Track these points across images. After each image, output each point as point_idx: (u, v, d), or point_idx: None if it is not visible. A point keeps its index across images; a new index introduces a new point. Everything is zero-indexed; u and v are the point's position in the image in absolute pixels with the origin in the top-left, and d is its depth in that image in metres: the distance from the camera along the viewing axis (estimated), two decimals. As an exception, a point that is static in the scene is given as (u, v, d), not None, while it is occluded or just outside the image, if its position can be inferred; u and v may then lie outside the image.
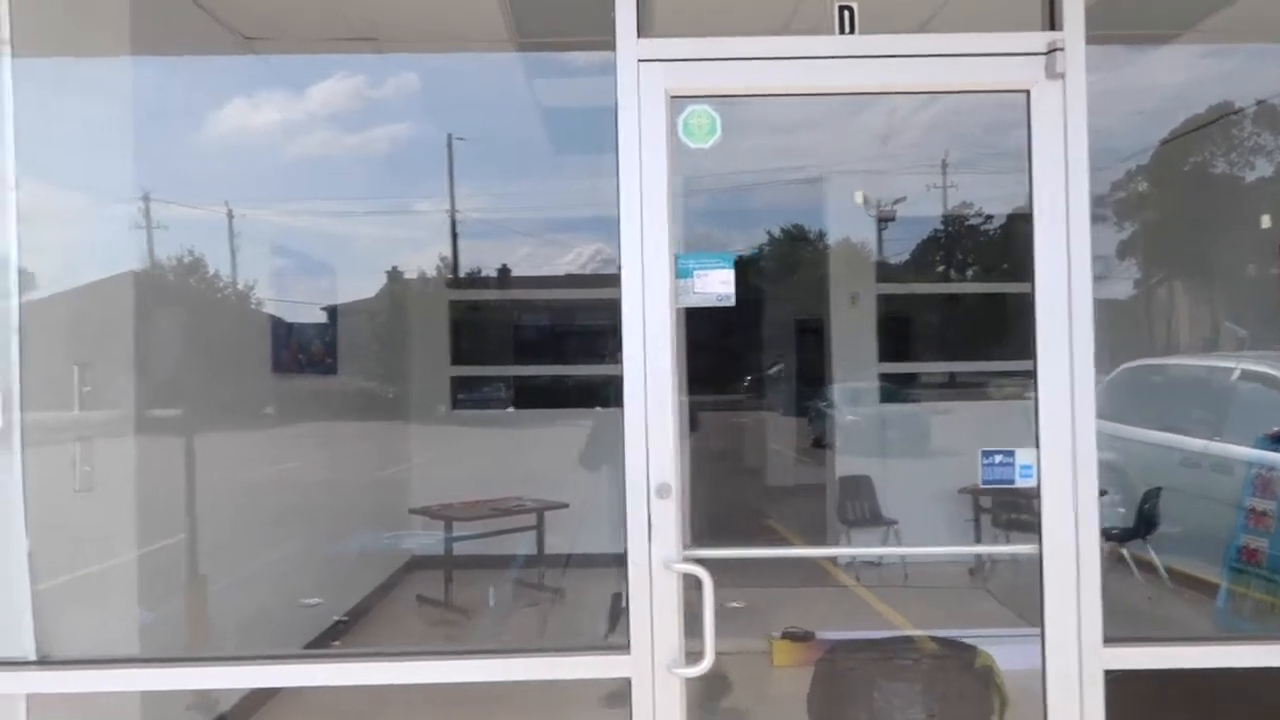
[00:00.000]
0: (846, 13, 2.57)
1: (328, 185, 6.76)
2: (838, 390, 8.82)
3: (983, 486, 2.62)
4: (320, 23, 4.77)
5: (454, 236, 8.68)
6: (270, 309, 6.46)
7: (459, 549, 6.90)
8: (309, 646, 4.91)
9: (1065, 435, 2.51)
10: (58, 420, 2.88)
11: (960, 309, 9.53)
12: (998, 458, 2.56)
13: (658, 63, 2.51)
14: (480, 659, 2.47)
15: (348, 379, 7.67)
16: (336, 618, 5.77)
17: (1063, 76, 2.51)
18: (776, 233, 9.87)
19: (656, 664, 2.47)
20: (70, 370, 2.86)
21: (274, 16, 4.72)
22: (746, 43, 2.53)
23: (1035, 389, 2.53)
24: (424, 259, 9.53)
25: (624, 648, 2.48)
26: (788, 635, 5.56)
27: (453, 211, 8.45)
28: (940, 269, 10.97)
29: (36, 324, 2.64)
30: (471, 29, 4.78)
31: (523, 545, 7.22)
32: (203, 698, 3.53)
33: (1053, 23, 2.56)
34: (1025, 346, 2.54)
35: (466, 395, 8.51)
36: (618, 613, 6.87)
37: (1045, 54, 2.51)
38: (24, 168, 2.66)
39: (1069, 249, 2.51)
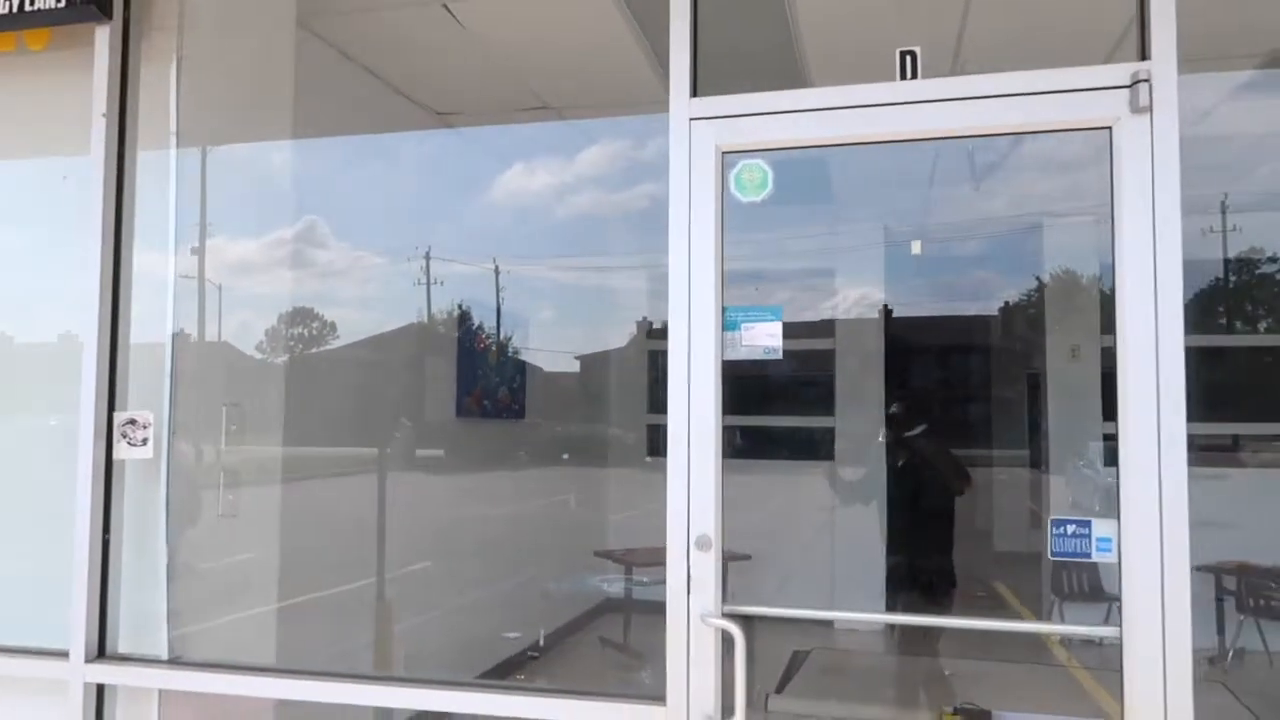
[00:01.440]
0: (909, 58, 2.50)
1: (581, 243, 7.32)
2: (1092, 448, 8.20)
3: (1057, 557, 2.38)
4: (507, 96, 5.23)
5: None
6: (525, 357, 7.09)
7: (647, 594, 7.05)
8: (500, 675, 5.23)
9: (1151, 504, 2.24)
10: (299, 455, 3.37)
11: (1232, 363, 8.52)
12: (1070, 528, 2.33)
13: (708, 120, 2.56)
14: (522, 695, 2.55)
15: (579, 425, 8.14)
16: (531, 653, 6.08)
17: (1149, 110, 2.28)
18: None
19: (691, 716, 2.44)
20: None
21: (462, 93, 5.22)
22: (796, 95, 2.52)
23: (1120, 449, 2.29)
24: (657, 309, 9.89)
25: (660, 698, 2.48)
26: (960, 711, 5.19)
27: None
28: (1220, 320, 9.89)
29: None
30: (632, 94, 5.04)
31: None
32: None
33: (1142, 52, 2.35)
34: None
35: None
36: (793, 670, 6.75)
37: (1129, 86, 2.30)
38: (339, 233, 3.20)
39: (1157, 301, 2.26)
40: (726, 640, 2.45)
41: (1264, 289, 7.94)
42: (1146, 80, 2.28)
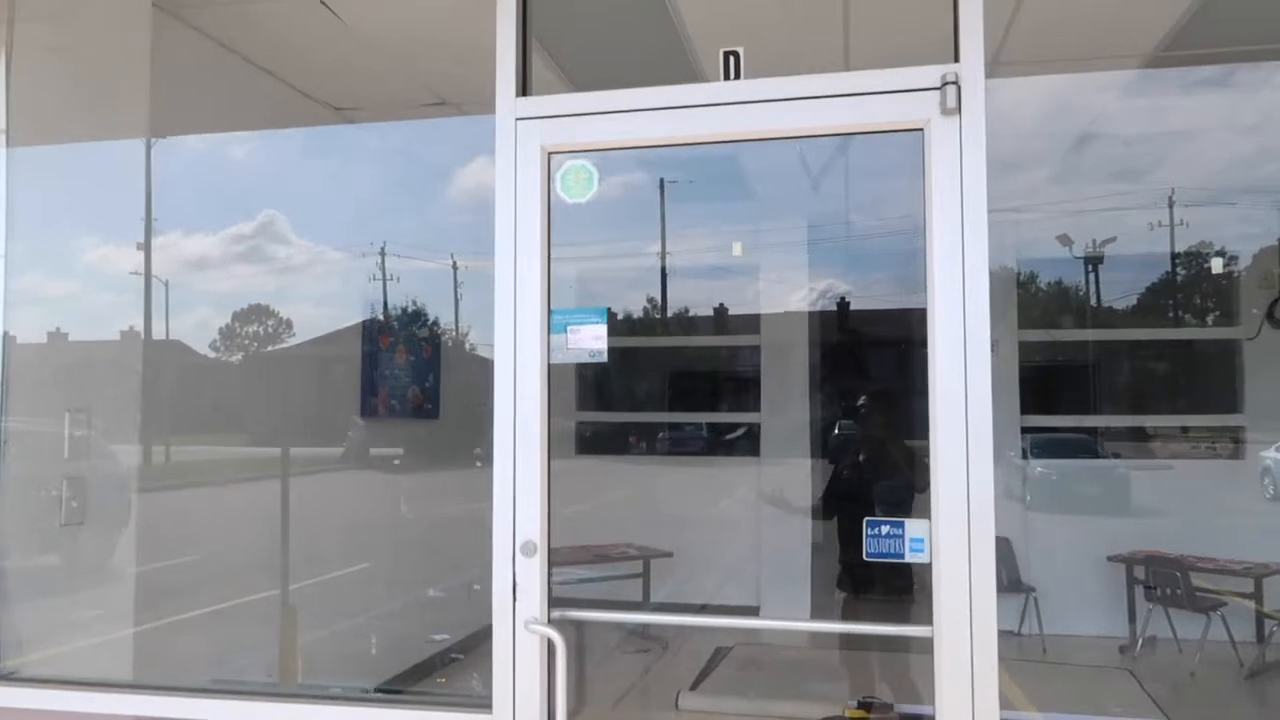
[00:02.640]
0: (733, 58, 2.49)
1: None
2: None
3: (873, 558, 2.39)
4: (403, 92, 5.17)
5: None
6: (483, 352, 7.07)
7: (576, 593, 7.05)
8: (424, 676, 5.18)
9: (960, 503, 2.25)
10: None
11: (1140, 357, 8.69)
12: (884, 528, 2.34)
13: (534, 120, 2.53)
14: (349, 705, 2.53)
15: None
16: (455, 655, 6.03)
17: (958, 111, 2.29)
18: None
19: (518, 724, 2.43)
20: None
21: (357, 90, 5.15)
22: (621, 95, 2.50)
23: (932, 452, 2.29)
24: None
25: (487, 705, 2.46)
26: (864, 705, 5.23)
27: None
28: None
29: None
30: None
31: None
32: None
33: (956, 55, 2.35)
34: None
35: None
36: (711, 667, 6.74)
37: (939, 89, 2.30)
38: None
39: (965, 296, 2.27)
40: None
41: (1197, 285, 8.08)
42: (954, 83, 2.29)
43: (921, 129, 2.33)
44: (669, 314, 9.55)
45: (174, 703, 2.65)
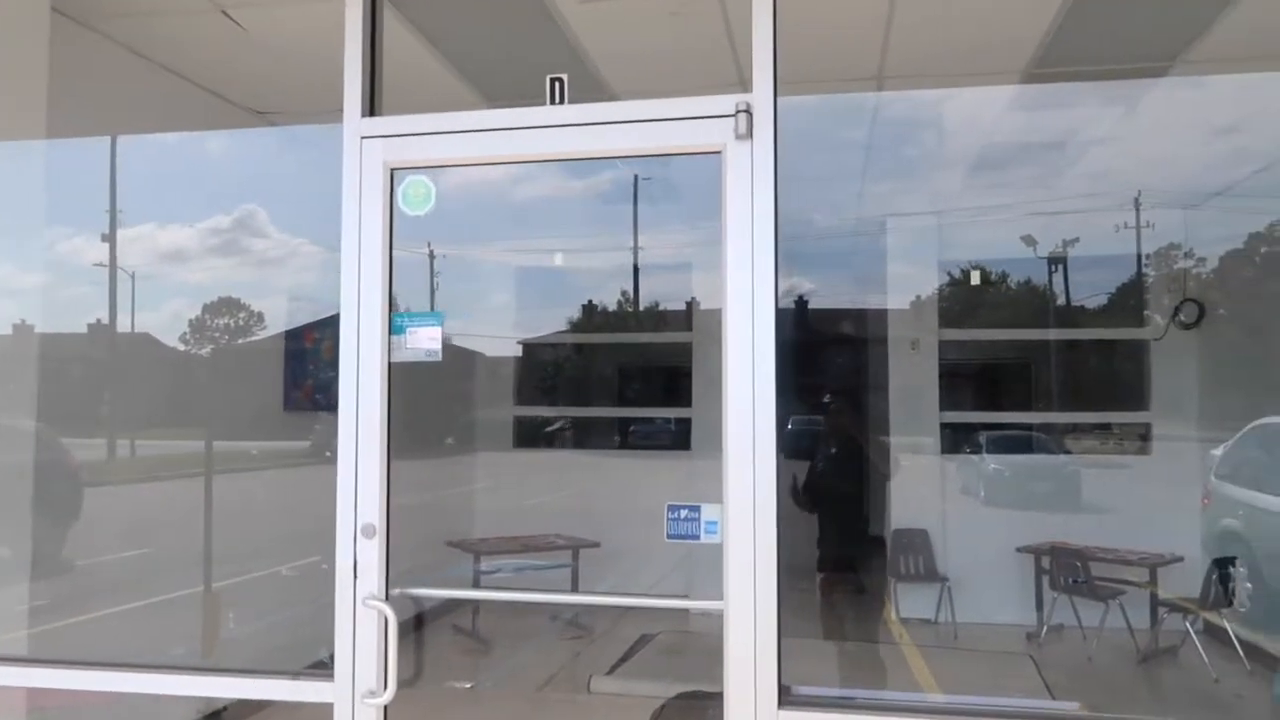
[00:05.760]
0: (557, 84, 2.71)
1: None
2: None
3: (672, 539, 2.63)
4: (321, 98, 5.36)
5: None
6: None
7: (518, 583, 7.28)
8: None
9: (747, 489, 2.50)
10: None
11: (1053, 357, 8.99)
12: (683, 512, 2.57)
13: (379, 139, 2.76)
14: (192, 675, 2.76)
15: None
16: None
17: (749, 137, 2.53)
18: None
19: (356, 692, 2.66)
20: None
21: (276, 94, 5.34)
22: (459, 117, 2.73)
23: (724, 443, 2.53)
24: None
25: (329, 674, 2.69)
26: (681, 697, 5.37)
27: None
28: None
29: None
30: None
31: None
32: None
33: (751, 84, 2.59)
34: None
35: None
36: (632, 652, 6.96)
37: (734, 115, 2.54)
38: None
39: (754, 299, 2.51)
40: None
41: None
42: (746, 110, 2.53)
43: (719, 152, 2.57)
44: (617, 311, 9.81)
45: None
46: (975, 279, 8.32)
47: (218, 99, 5.21)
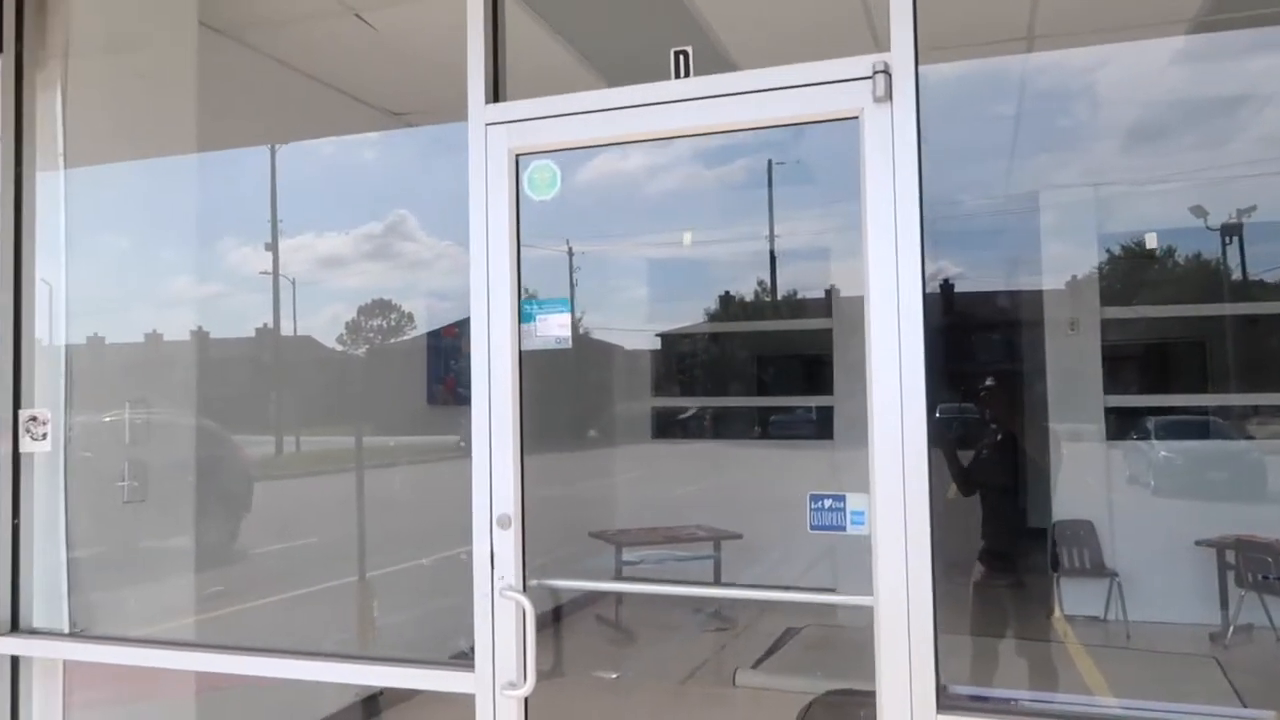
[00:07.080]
0: (682, 57, 2.61)
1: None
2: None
3: (816, 530, 2.48)
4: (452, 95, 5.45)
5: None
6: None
7: (640, 573, 7.26)
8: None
9: (896, 480, 2.33)
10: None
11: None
12: (827, 502, 2.43)
13: (502, 125, 2.72)
14: (337, 663, 2.80)
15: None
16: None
17: (889, 99, 2.35)
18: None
19: (497, 683, 2.64)
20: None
21: (410, 94, 5.46)
22: (581, 98, 2.66)
23: (869, 432, 2.37)
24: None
25: (470, 665, 2.68)
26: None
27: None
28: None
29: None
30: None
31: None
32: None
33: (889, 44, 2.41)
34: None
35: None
36: (777, 646, 6.86)
37: (871, 77, 2.37)
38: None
39: (899, 279, 2.34)
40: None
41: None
42: (885, 71, 2.36)
43: (856, 117, 2.41)
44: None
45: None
46: (1151, 242, 7.70)
47: (356, 102, 5.35)
